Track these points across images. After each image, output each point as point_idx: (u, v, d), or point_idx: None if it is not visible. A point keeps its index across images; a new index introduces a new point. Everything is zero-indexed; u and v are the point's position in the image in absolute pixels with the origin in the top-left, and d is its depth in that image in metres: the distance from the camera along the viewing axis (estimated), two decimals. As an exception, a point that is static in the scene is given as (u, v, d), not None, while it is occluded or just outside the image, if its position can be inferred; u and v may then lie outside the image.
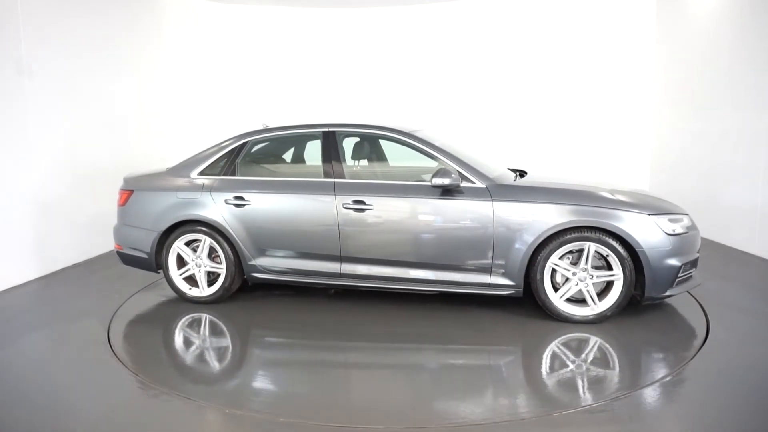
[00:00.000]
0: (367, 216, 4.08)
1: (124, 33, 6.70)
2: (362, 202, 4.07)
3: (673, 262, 3.73)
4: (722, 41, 6.08)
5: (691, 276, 3.94)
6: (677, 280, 3.79)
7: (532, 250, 3.80)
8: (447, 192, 3.93)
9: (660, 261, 3.70)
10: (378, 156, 4.90)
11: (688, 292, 4.19)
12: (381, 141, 4.83)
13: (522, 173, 4.53)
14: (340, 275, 4.20)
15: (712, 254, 5.59)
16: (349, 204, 4.08)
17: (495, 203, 3.86)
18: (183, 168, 4.60)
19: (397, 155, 4.74)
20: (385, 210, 4.07)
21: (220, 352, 3.72)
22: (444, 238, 3.98)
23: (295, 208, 4.23)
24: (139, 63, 7.01)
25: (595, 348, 3.53)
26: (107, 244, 6.36)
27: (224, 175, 4.46)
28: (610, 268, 3.80)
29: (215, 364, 3.53)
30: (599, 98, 7.80)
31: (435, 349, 3.63)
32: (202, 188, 4.42)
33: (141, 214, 4.52)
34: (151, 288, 4.96)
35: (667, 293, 3.80)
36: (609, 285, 3.85)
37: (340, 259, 4.18)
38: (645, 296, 3.79)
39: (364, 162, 4.84)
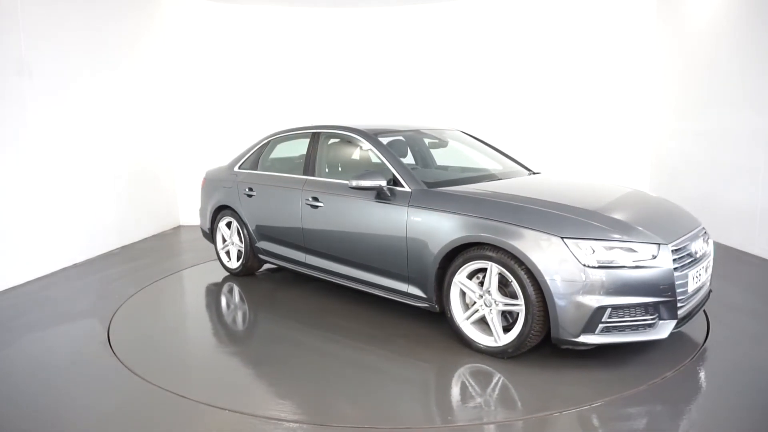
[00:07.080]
0: (319, 213, 4.31)
1: (123, 32, 6.70)
2: (317, 199, 4.32)
3: (588, 301, 2.94)
4: (722, 42, 6.08)
5: (650, 324, 3.04)
6: (603, 325, 2.98)
7: (437, 263, 3.49)
8: (378, 195, 3.85)
9: (568, 296, 2.97)
10: (422, 157, 4.87)
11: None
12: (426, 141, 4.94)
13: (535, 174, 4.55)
14: (306, 265, 4.55)
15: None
16: (309, 200, 4.38)
17: (410, 209, 3.66)
18: (231, 162, 5.41)
19: (444, 156, 4.94)
20: (331, 208, 4.23)
21: (219, 353, 3.72)
22: (371, 241, 3.93)
23: (280, 201, 4.68)
24: (137, 62, 7.01)
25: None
26: (106, 244, 6.38)
27: (250, 169, 5.16)
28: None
29: (214, 364, 3.53)
30: (599, 99, 7.80)
31: (368, 350, 3.60)
32: (235, 180, 5.15)
33: (206, 198, 5.52)
34: (150, 288, 4.99)
35: (581, 339, 3.00)
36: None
37: (305, 250, 4.52)
38: (551, 336, 3.09)
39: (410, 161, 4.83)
